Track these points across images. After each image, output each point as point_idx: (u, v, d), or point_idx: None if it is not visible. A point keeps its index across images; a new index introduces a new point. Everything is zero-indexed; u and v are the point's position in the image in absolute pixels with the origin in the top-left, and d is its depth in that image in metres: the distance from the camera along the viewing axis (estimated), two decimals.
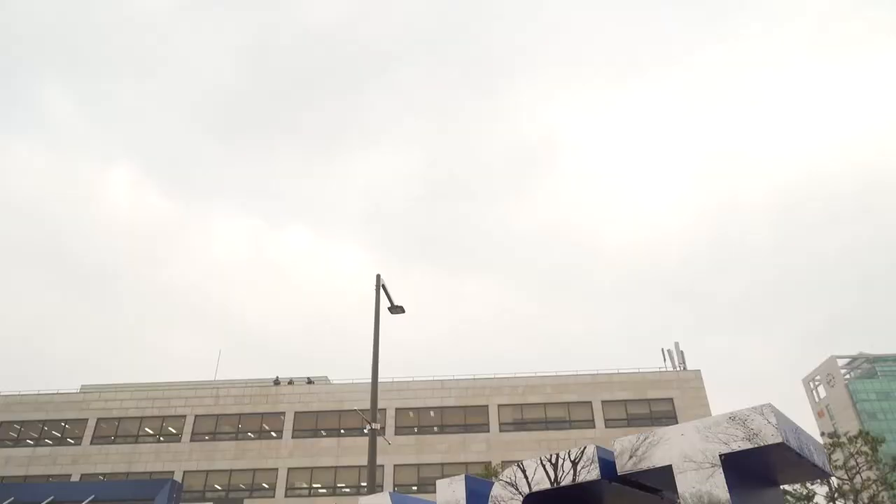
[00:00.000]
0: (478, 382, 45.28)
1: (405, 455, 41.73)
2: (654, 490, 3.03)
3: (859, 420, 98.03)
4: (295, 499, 39.25)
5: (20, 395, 47.05)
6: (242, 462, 42.76)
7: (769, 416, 2.42)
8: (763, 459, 2.54)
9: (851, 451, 20.09)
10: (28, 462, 43.62)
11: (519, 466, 3.10)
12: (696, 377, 44.60)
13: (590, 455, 2.86)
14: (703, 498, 2.43)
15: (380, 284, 18.11)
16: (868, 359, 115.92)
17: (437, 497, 3.41)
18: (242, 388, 47.26)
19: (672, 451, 2.62)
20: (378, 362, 16.54)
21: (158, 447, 44.09)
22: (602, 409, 43.33)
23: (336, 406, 43.91)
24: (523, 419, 43.75)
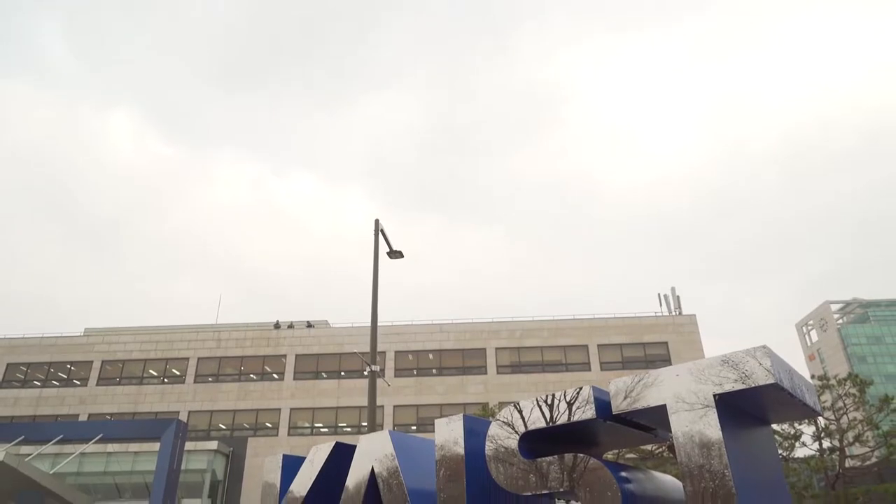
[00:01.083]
0: (476, 326, 45.90)
1: (404, 396, 42.73)
2: (648, 429, 3.10)
3: (849, 363, 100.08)
4: (298, 437, 40.41)
5: (24, 339, 47.74)
6: (245, 403, 43.81)
7: (762, 358, 2.45)
8: (756, 400, 2.59)
9: (840, 392, 20.56)
10: (36, 403, 44.66)
11: (515, 407, 3.16)
12: (691, 322, 45.22)
13: (585, 395, 2.91)
14: (696, 437, 2.48)
15: (378, 229, 18.10)
16: (861, 304, 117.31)
17: (436, 436, 3.49)
18: (244, 332, 47.92)
19: (666, 391, 2.67)
20: (377, 306, 16.70)
21: (163, 388, 45.06)
22: (598, 353, 44.10)
23: (336, 349, 44.64)
24: (520, 362, 44.58)
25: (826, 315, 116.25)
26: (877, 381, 30.20)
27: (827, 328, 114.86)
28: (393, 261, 19.36)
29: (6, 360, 46.47)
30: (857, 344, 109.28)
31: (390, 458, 3.62)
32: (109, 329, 53.53)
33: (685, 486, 2.47)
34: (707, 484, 2.41)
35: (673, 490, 3.14)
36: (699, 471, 2.44)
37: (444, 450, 3.38)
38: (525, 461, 3.00)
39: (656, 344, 43.93)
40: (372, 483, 3.66)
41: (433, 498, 3.37)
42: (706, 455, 2.44)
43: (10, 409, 44.31)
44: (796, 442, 20.75)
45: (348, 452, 3.92)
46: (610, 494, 2.70)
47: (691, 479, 2.46)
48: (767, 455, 2.83)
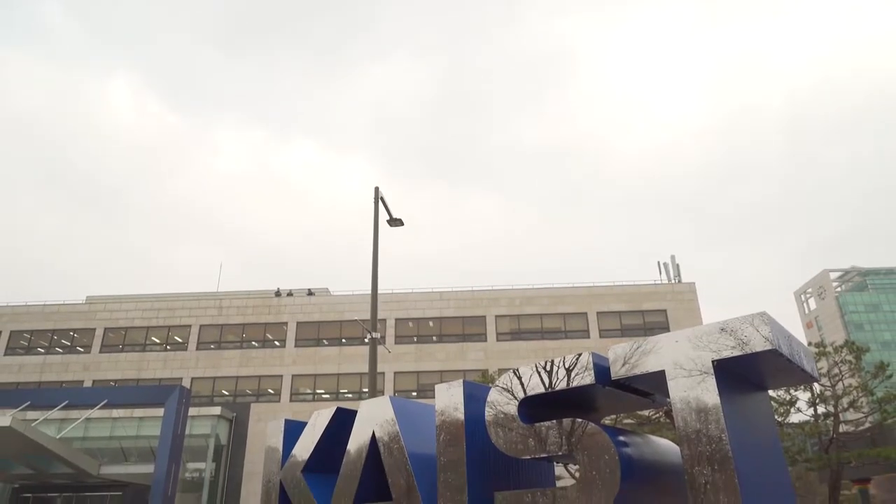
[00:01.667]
0: (476, 294, 46.12)
1: (405, 363, 43.17)
2: (646, 394, 3.13)
3: (846, 331, 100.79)
4: (300, 403, 40.96)
5: (27, 306, 48.02)
6: (248, 369, 44.29)
7: (761, 324, 2.45)
8: (754, 366, 2.60)
9: (836, 360, 20.75)
10: (41, 369, 45.15)
11: (515, 373, 3.18)
12: (690, 290, 45.42)
13: (585, 362, 2.93)
14: (694, 402, 2.51)
15: (378, 197, 18.03)
16: (860, 272, 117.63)
17: (436, 401, 3.52)
18: (245, 300, 48.17)
19: (665, 357, 2.68)
20: (377, 273, 16.75)
21: (166, 355, 45.49)
22: (597, 320, 44.40)
23: (337, 316, 44.94)
24: (520, 329, 44.91)
25: (825, 283, 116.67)
26: (873, 348, 30.49)
27: (825, 296, 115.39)
28: (394, 229, 19.34)
29: (10, 328, 46.84)
30: (855, 312, 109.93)
31: (391, 423, 3.66)
32: (111, 297, 53.81)
33: (682, 450, 2.50)
34: (704, 448, 2.44)
35: (670, 454, 3.18)
36: (696, 435, 2.47)
37: (445, 415, 3.41)
38: (524, 426, 3.04)
39: (655, 312, 44.21)
40: (373, 447, 3.72)
41: (433, 462, 3.42)
42: (704, 420, 2.47)
43: (15, 376, 44.84)
44: (791, 408, 21.03)
45: (349, 417, 3.96)
46: (607, 458, 2.73)
47: (688, 443, 2.49)
48: (764, 420, 2.86)
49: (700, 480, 2.40)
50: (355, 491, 3.65)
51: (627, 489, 2.68)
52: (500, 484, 3.29)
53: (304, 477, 3.99)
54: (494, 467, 3.32)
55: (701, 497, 2.37)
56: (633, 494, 2.74)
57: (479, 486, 3.18)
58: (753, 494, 2.36)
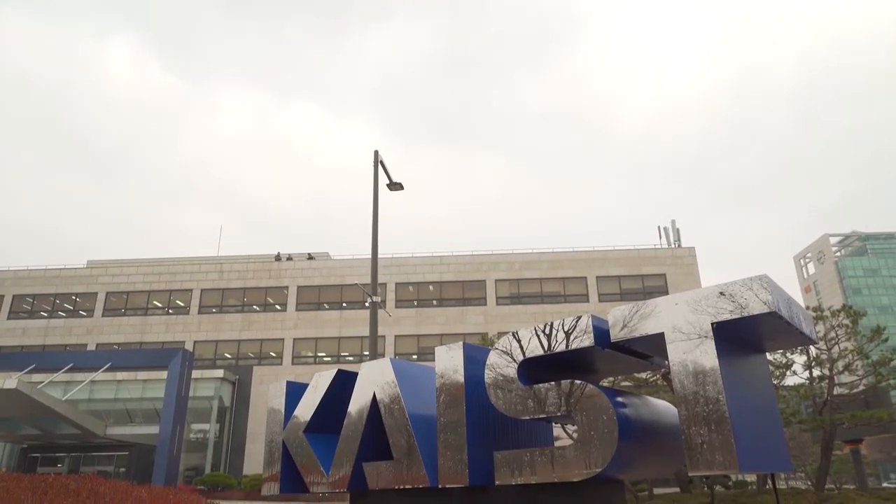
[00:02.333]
0: (476, 258, 46.19)
1: (405, 327, 43.51)
2: (645, 356, 3.15)
3: (844, 295, 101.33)
4: (302, 366, 41.45)
5: (28, 270, 48.16)
6: (249, 333, 44.66)
7: (762, 287, 2.45)
8: (754, 328, 2.61)
9: (833, 323, 20.88)
10: (45, 333, 45.53)
11: (514, 335, 3.19)
12: (690, 254, 45.47)
13: (584, 324, 2.93)
14: (692, 364, 2.52)
15: (378, 161, 17.90)
16: (860, 237, 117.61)
17: (436, 363, 3.54)
18: (245, 264, 48.28)
19: (665, 320, 2.69)
20: (378, 238, 16.73)
21: (168, 319, 45.81)
22: (596, 284, 44.57)
23: (338, 281, 45.10)
24: (519, 293, 45.13)
25: (825, 248, 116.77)
26: (870, 312, 30.69)
27: (824, 261, 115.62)
28: (396, 194, 19.26)
29: (12, 292, 47.06)
30: (854, 276, 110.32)
31: (391, 384, 3.69)
32: (112, 261, 53.92)
33: (680, 411, 2.53)
34: (702, 408, 2.46)
35: (668, 414, 3.22)
36: (694, 396, 2.49)
37: (445, 377, 3.44)
38: (523, 387, 3.06)
39: (654, 276, 44.35)
40: (374, 408, 3.76)
41: (433, 422, 3.46)
42: (702, 382, 2.48)
43: (20, 339, 45.24)
44: (787, 371, 21.26)
45: (350, 379, 4.00)
46: (605, 418, 2.76)
47: (686, 403, 2.51)
48: (761, 382, 2.88)
49: (697, 440, 2.43)
50: (357, 450, 3.71)
51: (625, 448, 2.71)
52: (500, 444, 3.34)
53: (306, 437, 4.05)
54: (494, 428, 3.36)
55: (697, 456, 2.40)
56: (630, 453, 2.78)
57: (479, 445, 3.22)
58: (749, 453, 2.39)
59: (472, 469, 3.16)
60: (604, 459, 2.73)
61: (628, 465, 2.91)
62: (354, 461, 3.71)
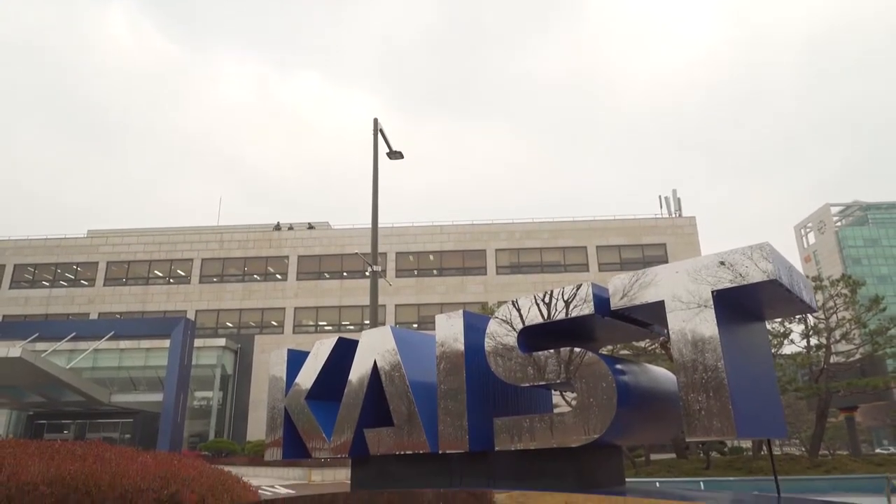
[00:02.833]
0: (476, 228, 46.18)
1: (405, 296, 43.71)
2: (645, 324, 3.16)
3: (843, 265, 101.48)
4: (303, 335, 41.75)
5: (29, 240, 48.19)
6: (250, 302, 44.89)
7: (762, 255, 2.44)
8: (754, 296, 2.61)
9: (832, 293, 20.96)
10: (47, 302, 45.77)
11: (514, 304, 3.20)
12: (690, 224, 45.44)
13: (584, 292, 2.94)
14: (692, 332, 2.53)
15: (377, 129, 17.73)
16: (861, 206, 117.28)
17: (437, 331, 3.56)
18: (245, 234, 48.28)
19: (665, 288, 2.69)
20: (378, 207, 16.69)
21: (169, 288, 46.00)
22: (596, 254, 44.64)
23: (338, 250, 45.17)
24: (519, 263, 45.22)
25: (825, 217, 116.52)
26: (869, 282, 30.80)
27: (825, 230, 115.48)
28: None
29: (13, 261, 47.17)
30: (854, 246, 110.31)
31: (392, 352, 3.72)
32: (112, 231, 53.91)
33: (679, 378, 2.55)
34: (700, 375, 2.48)
35: (666, 381, 3.25)
36: (693, 363, 2.51)
37: (445, 346, 3.46)
38: (523, 355, 3.08)
39: (654, 245, 44.38)
40: (374, 376, 3.79)
41: (434, 390, 3.49)
42: (701, 349, 2.50)
43: (22, 308, 45.50)
44: (785, 339, 21.41)
45: (351, 347, 4.03)
46: (605, 385, 2.79)
47: (685, 370, 2.53)
48: (760, 350, 2.90)
49: (695, 406, 2.45)
50: (358, 417, 3.76)
51: (623, 414, 2.75)
52: (500, 411, 3.37)
53: (307, 403, 4.10)
54: (494, 395, 3.40)
55: (696, 422, 2.43)
56: (628, 419, 2.82)
57: (479, 412, 3.26)
58: (746, 420, 2.42)
59: (471, 435, 3.20)
60: (602, 425, 2.76)
61: (626, 431, 2.95)
62: (355, 427, 3.76)
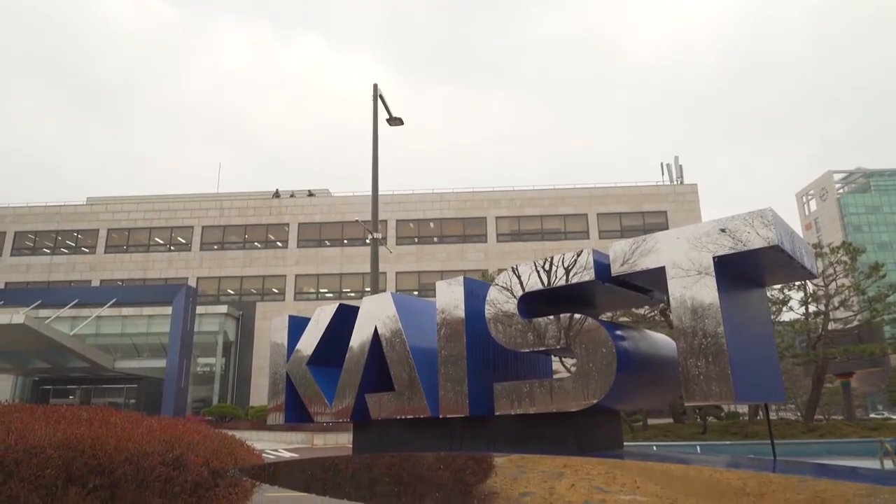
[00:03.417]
0: (476, 195, 46.02)
1: (406, 263, 43.82)
2: (645, 290, 3.17)
3: (844, 233, 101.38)
4: (304, 302, 42.00)
5: (29, 207, 48.11)
6: (251, 269, 45.04)
7: (762, 224, 2.43)
8: (755, 262, 2.61)
9: (832, 260, 20.99)
10: (49, 269, 45.92)
11: (514, 271, 3.20)
12: (692, 191, 45.24)
13: (585, 258, 2.93)
14: (693, 298, 2.53)
15: (377, 95, 17.52)
16: (864, 173, 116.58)
17: (437, 298, 3.57)
18: (245, 201, 48.16)
19: (666, 254, 2.68)
20: (378, 174, 16.59)
21: (170, 256, 46.10)
22: (597, 222, 44.59)
23: (338, 217, 45.11)
24: (520, 230, 45.20)
25: (828, 184, 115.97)
26: (869, 249, 30.85)
27: (827, 197, 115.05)
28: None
29: (13, 229, 47.18)
30: (855, 213, 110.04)
31: (393, 318, 3.74)
32: (112, 198, 53.75)
33: (678, 343, 2.56)
34: (700, 341, 2.49)
35: (665, 347, 3.27)
36: (693, 329, 2.52)
37: (445, 312, 3.48)
38: (523, 321, 3.10)
39: (655, 213, 44.28)
40: (375, 342, 3.81)
41: (434, 356, 3.52)
42: (701, 315, 2.51)
43: (24, 276, 45.68)
44: (784, 307, 21.54)
45: (352, 313, 4.04)
46: (604, 351, 2.80)
47: (685, 336, 2.54)
48: (759, 316, 2.91)
49: (694, 372, 2.48)
50: (359, 382, 3.79)
51: (622, 380, 2.77)
52: (500, 376, 3.41)
53: (309, 369, 4.14)
54: (494, 361, 3.43)
55: (694, 387, 2.45)
56: (627, 385, 2.85)
57: (479, 377, 3.29)
58: (745, 385, 2.45)
59: (472, 400, 3.23)
60: (602, 391, 2.79)
61: (625, 396, 2.98)
62: (357, 392, 3.81)
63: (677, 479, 2.48)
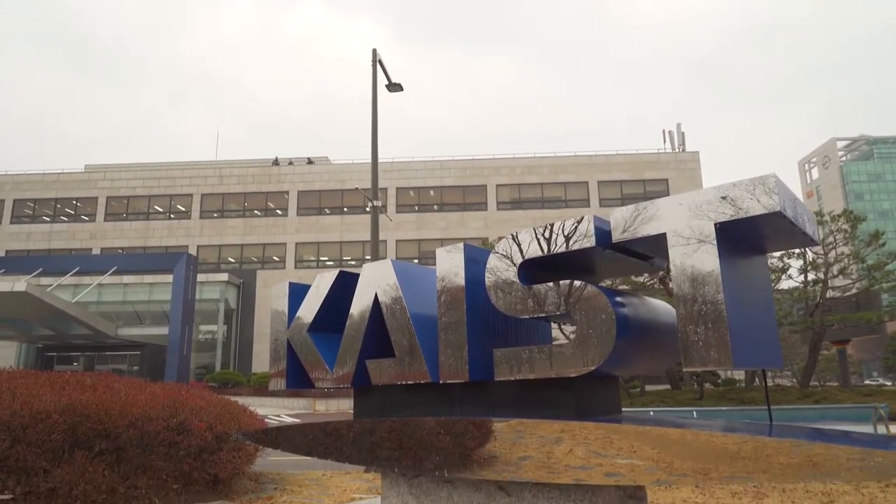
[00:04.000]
0: (477, 163, 45.74)
1: (406, 231, 43.80)
2: (646, 257, 3.16)
3: (846, 201, 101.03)
4: (304, 270, 42.12)
5: (27, 174, 47.87)
6: (252, 237, 45.05)
7: (764, 191, 2.41)
8: (757, 228, 2.60)
9: (832, 228, 20.97)
10: (49, 237, 45.94)
11: (514, 238, 3.19)
12: (694, 158, 44.94)
13: (586, 224, 2.92)
14: (693, 265, 2.53)
15: (376, 60, 17.24)
16: (868, 141, 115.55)
17: (437, 265, 3.57)
18: (245, 169, 47.91)
19: (667, 221, 2.67)
20: (377, 141, 16.44)
21: (170, 224, 46.06)
22: (598, 190, 44.42)
23: (338, 185, 44.93)
24: (520, 198, 45.06)
25: (831, 152, 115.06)
26: (870, 217, 30.79)
27: (829, 165, 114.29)
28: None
29: (12, 196, 47.05)
30: (857, 181, 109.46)
31: (393, 286, 3.74)
32: (110, 165, 53.47)
33: (678, 310, 2.57)
34: (700, 307, 2.50)
35: (665, 314, 3.28)
36: (693, 296, 2.52)
37: (445, 279, 3.48)
38: (523, 287, 3.10)
39: (656, 181, 44.08)
40: (376, 309, 3.83)
41: (434, 322, 3.53)
42: (701, 282, 2.51)
43: (24, 244, 45.72)
44: (783, 275, 21.60)
45: (352, 280, 4.05)
46: (604, 317, 2.81)
47: (684, 303, 2.54)
48: (759, 282, 2.91)
49: (693, 338, 2.49)
50: (359, 349, 3.82)
51: (622, 346, 2.79)
52: (500, 342, 3.43)
53: (310, 336, 4.16)
54: (494, 327, 3.44)
55: (693, 353, 2.47)
56: (627, 351, 2.86)
57: (479, 343, 3.31)
58: (743, 351, 2.46)
59: (471, 366, 3.26)
60: (601, 357, 2.81)
61: (624, 362, 3.00)
62: (357, 358, 3.83)
63: (674, 444, 2.51)
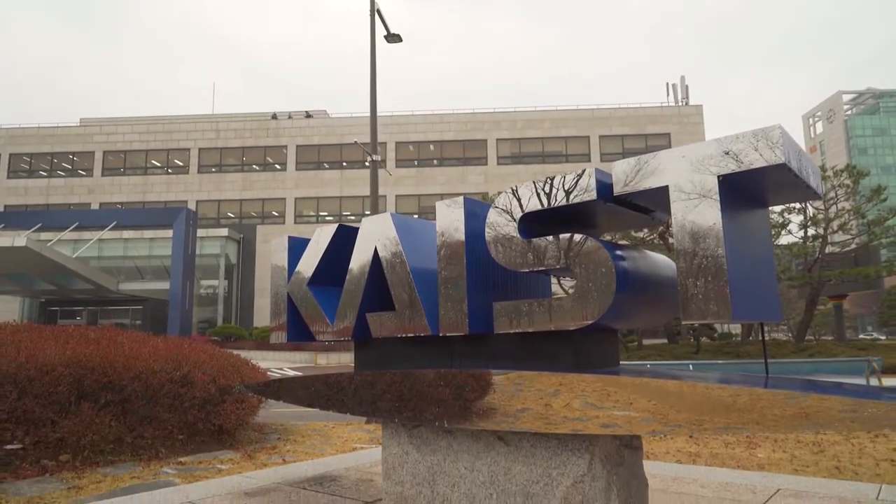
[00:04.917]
0: (477, 117, 45.14)
1: (406, 186, 43.57)
2: (647, 210, 3.13)
3: (849, 155, 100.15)
4: (304, 225, 42.10)
5: (22, 129, 47.31)
6: (251, 192, 44.84)
7: (768, 142, 2.37)
8: (761, 181, 2.57)
9: (834, 183, 20.85)
10: (47, 192, 45.71)
11: (514, 192, 3.15)
12: (697, 112, 44.32)
13: (587, 177, 2.88)
14: (695, 218, 2.51)
15: (375, 9, 16.81)
16: (875, 94, 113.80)
17: (437, 219, 3.54)
18: (242, 123, 47.31)
19: (669, 173, 2.63)
20: (376, 94, 16.18)
21: (168, 178, 45.77)
22: (599, 144, 43.98)
23: (337, 140, 44.46)
24: (521, 153, 44.65)
25: (836, 106, 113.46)
26: (874, 172, 30.56)
27: (834, 119, 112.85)
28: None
29: (8, 151, 46.61)
30: (861, 136, 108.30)
31: (393, 240, 3.72)
32: (106, 119, 52.77)
33: (678, 263, 2.56)
34: (700, 261, 2.49)
35: (665, 267, 3.27)
36: (693, 249, 2.51)
37: (445, 234, 3.46)
38: (523, 241, 3.08)
39: (658, 136, 43.59)
40: (375, 263, 3.82)
41: (434, 276, 3.53)
42: (703, 235, 2.49)
43: (23, 199, 45.54)
44: (783, 230, 21.59)
45: (352, 234, 4.03)
46: (604, 270, 2.80)
47: (685, 256, 2.53)
48: (760, 235, 2.90)
49: (692, 291, 2.48)
50: (360, 302, 3.83)
51: (621, 299, 2.79)
52: (499, 296, 3.43)
53: (310, 289, 4.17)
54: (493, 281, 3.44)
55: (692, 305, 2.47)
56: (626, 304, 2.87)
57: (479, 297, 3.32)
58: (743, 304, 2.46)
59: (471, 319, 3.27)
60: (600, 310, 2.81)
61: (623, 315, 3.00)
62: (357, 312, 3.85)
63: (670, 395, 2.54)
